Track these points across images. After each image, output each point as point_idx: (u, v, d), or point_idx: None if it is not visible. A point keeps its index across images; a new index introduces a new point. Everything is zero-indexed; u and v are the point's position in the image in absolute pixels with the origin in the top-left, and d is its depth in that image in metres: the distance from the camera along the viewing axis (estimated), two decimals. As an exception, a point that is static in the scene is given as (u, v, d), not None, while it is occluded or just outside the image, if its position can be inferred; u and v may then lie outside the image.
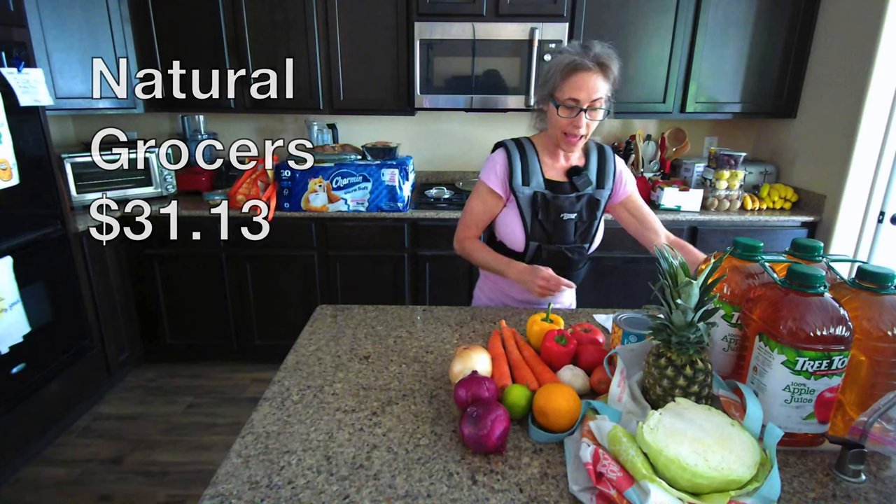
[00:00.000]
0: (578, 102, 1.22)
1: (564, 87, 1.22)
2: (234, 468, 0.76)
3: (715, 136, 2.98)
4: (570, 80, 1.21)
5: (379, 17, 2.46)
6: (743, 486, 0.66)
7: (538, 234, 1.36)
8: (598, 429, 0.76)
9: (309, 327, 1.24)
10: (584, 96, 1.21)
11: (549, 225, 1.35)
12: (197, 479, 1.95)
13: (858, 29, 2.25)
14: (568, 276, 1.30)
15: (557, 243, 1.37)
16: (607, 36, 2.47)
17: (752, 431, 0.73)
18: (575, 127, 1.24)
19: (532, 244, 1.36)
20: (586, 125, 1.25)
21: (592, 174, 1.38)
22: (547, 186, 1.35)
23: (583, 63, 1.19)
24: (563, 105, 1.23)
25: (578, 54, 1.20)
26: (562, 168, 1.39)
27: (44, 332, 2.02)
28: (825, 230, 2.45)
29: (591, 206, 1.36)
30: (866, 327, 0.77)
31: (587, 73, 1.20)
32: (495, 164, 1.36)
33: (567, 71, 1.21)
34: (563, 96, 1.23)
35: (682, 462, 0.65)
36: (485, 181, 1.37)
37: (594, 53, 1.21)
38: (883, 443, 0.73)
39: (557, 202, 1.33)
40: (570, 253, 1.37)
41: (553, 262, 1.34)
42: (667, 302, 0.79)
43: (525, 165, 1.34)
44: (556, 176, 1.38)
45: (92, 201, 2.46)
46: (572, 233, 1.37)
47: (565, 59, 1.21)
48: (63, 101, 2.32)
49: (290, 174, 2.44)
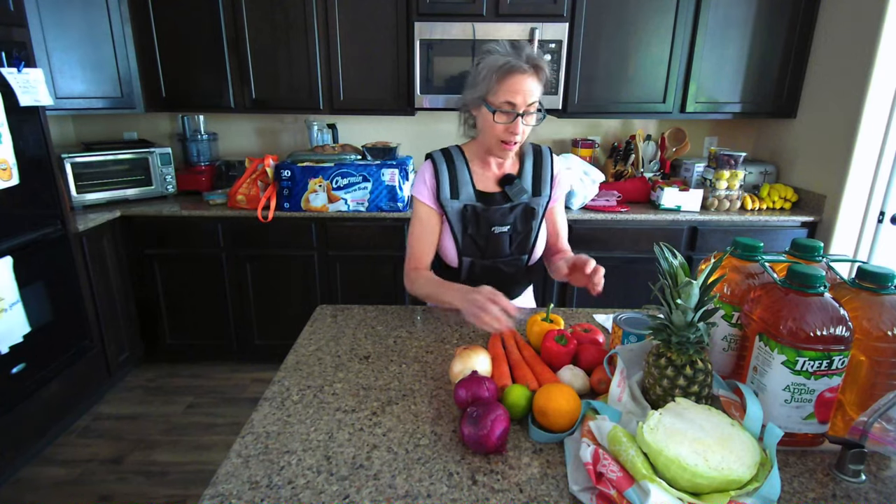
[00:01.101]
0: (515, 107, 1.14)
1: (499, 90, 1.13)
2: (234, 468, 0.76)
3: (715, 136, 2.98)
4: (505, 82, 1.13)
5: (379, 17, 2.46)
6: (743, 486, 0.66)
7: (470, 249, 1.30)
8: (598, 429, 0.76)
9: (309, 327, 1.24)
10: (521, 100, 1.13)
11: (481, 239, 1.29)
12: (197, 479, 1.95)
13: (858, 29, 2.25)
14: (506, 292, 1.11)
15: (491, 257, 1.31)
16: (607, 36, 2.49)
17: (752, 431, 0.73)
18: (511, 133, 1.17)
19: (465, 259, 1.30)
20: (522, 130, 1.18)
21: (528, 181, 1.31)
22: (478, 198, 1.28)
23: (518, 65, 1.11)
24: (498, 110, 1.15)
25: (511, 55, 1.12)
26: (494, 177, 1.31)
27: (44, 332, 2.02)
28: (825, 230, 2.45)
29: (526, 216, 1.30)
30: (866, 327, 0.77)
31: (522, 75, 1.12)
32: (424, 177, 1.29)
33: (502, 73, 1.12)
34: (498, 100, 1.14)
35: (682, 462, 0.65)
36: (417, 196, 1.29)
37: (527, 55, 1.13)
38: (883, 443, 0.73)
39: (488, 215, 1.27)
40: (505, 266, 1.32)
41: (487, 277, 1.29)
42: (667, 302, 0.79)
43: (453, 177, 1.27)
44: (488, 186, 1.30)
45: (92, 201, 2.46)
46: (507, 245, 1.31)
47: (499, 61, 1.13)
48: (63, 101, 2.32)
49: (290, 174, 2.44)
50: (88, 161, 2.43)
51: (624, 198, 2.65)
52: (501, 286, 1.19)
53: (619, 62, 2.53)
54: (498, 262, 1.32)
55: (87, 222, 2.27)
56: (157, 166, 2.62)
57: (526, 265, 1.37)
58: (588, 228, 2.49)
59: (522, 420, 0.87)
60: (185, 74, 2.55)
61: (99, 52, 2.39)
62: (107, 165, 2.49)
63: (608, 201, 2.56)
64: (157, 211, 2.46)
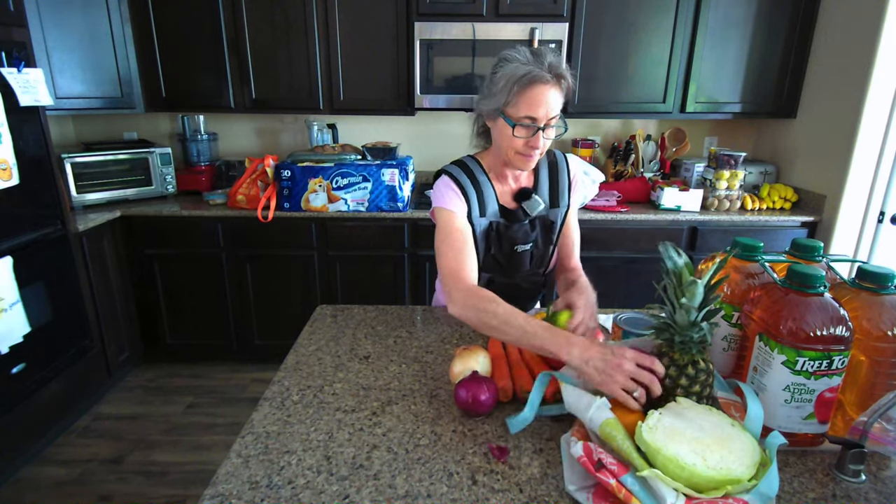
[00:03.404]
0: (536, 120, 1.05)
1: (520, 102, 1.04)
2: (234, 468, 0.76)
3: (715, 136, 2.98)
4: (527, 94, 1.03)
5: (379, 17, 2.46)
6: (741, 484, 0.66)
7: (491, 266, 1.25)
8: (590, 422, 0.76)
9: (309, 327, 1.24)
10: (543, 113, 1.04)
11: (503, 258, 1.24)
12: (197, 479, 1.95)
13: (858, 29, 2.25)
14: (522, 306, 1.06)
15: (511, 274, 1.27)
16: (607, 36, 2.49)
17: (753, 431, 0.73)
18: (532, 148, 1.08)
19: (484, 275, 1.26)
20: (543, 144, 1.09)
21: (544, 193, 1.24)
22: (501, 214, 1.21)
23: (540, 75, 1.01)
24: (518, 124, 1.06)
25: (533, 64, 1.02)
26: (511, 191, 1.23)
27: (44, 332, 2.02)
28: (825, 230, 2.45)
29: (546, 231, 1.25)
30: (866, 327, 0.77)
31: (545, 86, 1.03)
32: (451, 188, 1.17)
33: (523, 84, 1.03)
34: (519, 113, 1.05)
35: (680, 461, 0.65)
36: (447, 206, 1.16)
37: (549, 63, 1.03)
38: (883, 443, 0.73)
39: (511, 233, 1.22)
40: (523, 283, 1.29)
41: (505, 293, 1.22)
42: (670, 301, 0.79)
43: (479, 193, 1.19)
44: (508, 202, 1.23)
45: (92, 201, 2.46)
46: (527, 262, 1.26)
47: (519, 71, 1.02)
48: (63, 101, 2.32)
49: (290, 174, 2.44)
50: (88, 161, 2.43)
51: (624, 198, 2.65)
52: (518, 300, 1.15)
53: (619, 62, 2.53)
54: (517, 278, 1.28)
55: (87, 222, 2.27)
56: (157, 166, 2.62)
57: (543, 277, 1.34)
58: (588, 228, 2.49)
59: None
60: (185, 74, 2.55)
61: (99, 52, 2.39)
62: (107, 165, 2.49)
63: (608, 201, 2.56)
64: (157, 211, 2.46)
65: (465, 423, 0.87)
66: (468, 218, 1.18)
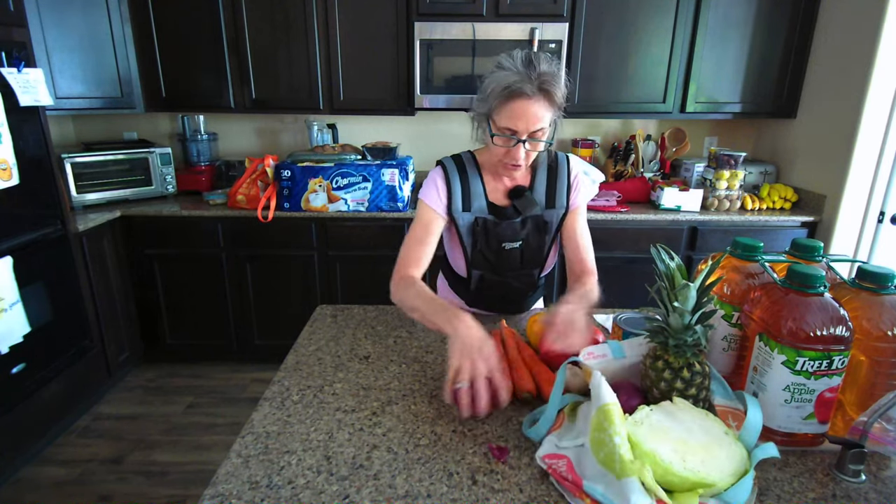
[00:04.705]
0: (516, 133, 1.04)
1: (501, 113, 1.04)
2: (234, 468, 0.76)
3: (715, 136, 2.98)
4: (508, 106, 1.02)
5: (379, 17, 2.46)
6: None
7: (480, 263, 1.25)
8: (584, 417, 0.75)
9: (309, 327, 1.24)
10: (523, 127, 1.03)
11: (491, 255, 1.23)
12: (197, 479, 1.95)
13: (858, 29, 2.25)
14: (517, 305, 1.12)
15: (502, 272, 1.26)
16: (607, 36, 2.49)
17: (747, 442, 0.72)
18: (512, 158, 1.08)
19: (475, 272, 1.26)
20: (526, 155, 1.08)
21: (540, 193, 1.22)
22: (490, 211, 1.21)
23: (522, 90, 1.00)
24: (498, 134, 1.06)
25: (520, 75, 1.01)
26: (505, 189, 1.23)
27: (44, 332, 2.02)
28: (825, 230, 2.45)
29: (538, 230, 1.23)
30: (866, 327, 0.77)
31: (527, 100, 1.01)
32: (435, 182, 1.20)
33: (504, 96, 1.02)
34: (500, 123, 1.05)
35: (657, 457, 0.66)
36: (424, 200, 1.20)
37: (538, 73, 1.01)
38: (883, 443, 0.73)
39: (498, 230, 1.20)
40: (515, 281, 1.28)
41: (497, 291, 1.23)
42: (664, 304, 0.79)
43: (465, 188, 1.19)
44: (500, 199, 1.22)
45: (92, 201, 2.46)
46: (518, 260, 1.25)
47: (504, 81, 1.01)
48: (63, 101, 2.32)
49: (290, 174, 2.44)
50: (88, 161, 2.43)
51: (624, 198, 2.65)
52: (512, 299, 1.17)
53: (619, 62, 2.53)
54: (508, 276, 1.27)
55: (87, 222, 2.27)
56: (157, 166, 2.62)
57: (538, 278, 1.32)
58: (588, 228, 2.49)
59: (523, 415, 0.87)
60: (185, 74, 2.55)
61: (99, 52, 2.39)
62: (107, 165, 2.49)
63: (608, 201, 2.56)
64: (157, 211, 2.46)
65: (465, 423, 0.87)
66: (449, 212, 1.20)
